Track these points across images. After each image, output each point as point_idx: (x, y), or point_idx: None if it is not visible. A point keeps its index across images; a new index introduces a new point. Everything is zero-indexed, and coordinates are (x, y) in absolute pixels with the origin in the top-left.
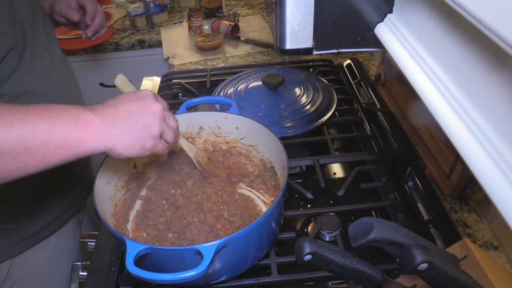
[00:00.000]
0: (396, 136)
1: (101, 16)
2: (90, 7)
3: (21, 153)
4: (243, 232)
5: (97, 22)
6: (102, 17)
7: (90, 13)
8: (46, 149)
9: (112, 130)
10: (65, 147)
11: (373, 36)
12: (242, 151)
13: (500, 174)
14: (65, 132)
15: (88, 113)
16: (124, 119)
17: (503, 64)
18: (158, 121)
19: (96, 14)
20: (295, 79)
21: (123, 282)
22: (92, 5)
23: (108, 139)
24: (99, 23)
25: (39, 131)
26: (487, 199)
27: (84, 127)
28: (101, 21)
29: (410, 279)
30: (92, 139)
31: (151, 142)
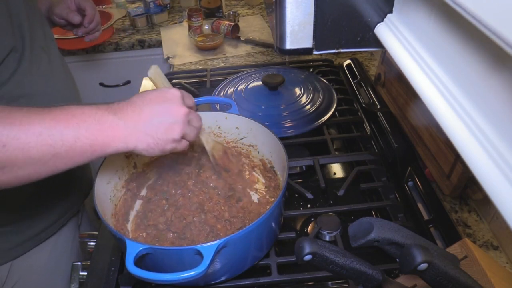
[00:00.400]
0: (396, 136)
1: (97, 20)
2: (89, 11)
3: (50, 159)
4: (243, 232)
5: (92, 26)
6: (98, 21)
7: (88, 17)
8: (73, 154)
9: (134, 133)
10: (91, 151)
11: (373, 36)
12: (242, 151)
13: (500, 174)
14: (91, 138)
15: (112, 116)
16: (146, 122)
17: (503, 64)
18: (181, 124)
19: (94, 18)
20: (295, 79)
21: (123, 282)
22: (92, 9)
23: (130, 142)
24: (93, 27)
25: (66, 138)
26: (487, 199)
27: (108, 132)
28: (96, 25)
29: (410, 279)
30: (115, 142)
31: (171, 145)
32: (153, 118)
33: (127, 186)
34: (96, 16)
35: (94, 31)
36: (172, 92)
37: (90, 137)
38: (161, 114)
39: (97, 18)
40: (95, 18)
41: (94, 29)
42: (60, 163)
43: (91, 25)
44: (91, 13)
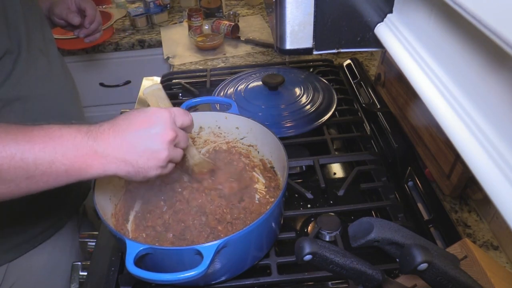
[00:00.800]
0: (396, 136)
1: (98, 21)
2: (90, 12)
3: (23, 182)
4: (243, 232)
5: (93, 27)
6: (99, 22)
7: (89, 18)
8: (48, 178)
9: (113, 161)
10: (66, 175)
11: (373, 36)
12: (242, 151)
13: (500, 174)
14: (66, 164)
15: (91, 142)
16: (127, 150)
17: (503, 64)
18: (166, 151)
19: (95, 19)
20: (295, 79)
21: (123, 282)
22: (92, 10)
23: (109, 170)
24: (95, 28)
25: (41, 163)
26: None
27: (85, 159)
28: (97, 26)
29: (410, 279)
30: (92, 169)
31: (155, 172)
32: (135, 145)
33: (127, 186)
34: (97, 17)
35: (95, 32)
36: (161, 114)
37: (66, 162)
38: (144, 141)
39: (98, 18)
40: (96, 18)
41: (95, 30)
42: (34, 186)
43: (92, 26)
44: (92, 13)
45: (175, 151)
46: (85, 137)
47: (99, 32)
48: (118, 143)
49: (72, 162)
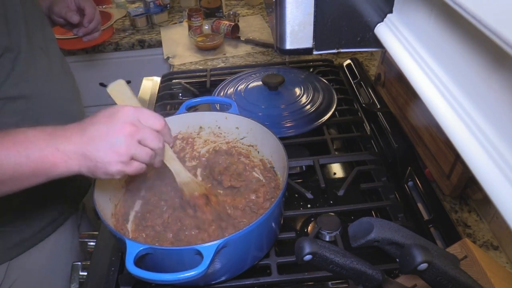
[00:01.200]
0: (396, 136)
1: (97, 20)
2: (89, 10)
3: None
4: (243, 232)
5: (92, 26)
6: (98, 21)
7: (88, 16)
8: (17, 180)
9: (74, 157)
10: (35, 176)
11: (373, 36)
12: (242, 151)
13: (500, 174)
14: (31, 166)
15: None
16: (87, 145)
17: (503, 64)
18: (123, 145)
19: (94, 18)
20: (295, 79)
21: (123, 282)
22: (92, 8)
23: (72, 167)
24: (94, 27)
25: (7, 167)
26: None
27: (49, 159)
28: (96, 25)
29: (410, 279)
30: (57, 168)
31: (115, 167)
32: (94, 139)
33: (127, 186)
34: (96, 16)
35: (94, 31)
36: (124, 110)
37: (31, 164)
38: (103, 135)
39: (97, 17)
40: (95, 17)
41: (94, 29)
42: (6, 189)
43: (91, 25)
44: (91, 12)
45: (138, 148)
46: (48, 137)
47: (98, 31)
48: (78, 138)
49: (36, 163)
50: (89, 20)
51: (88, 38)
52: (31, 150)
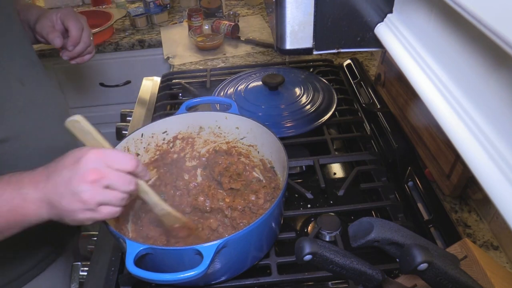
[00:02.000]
0: (396, 136)
1: (85, 43)
2: (74, 33)
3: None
4: (243, 232)
5: (78, 49)
6: (87, 44)
7: (73, 39)
8: None
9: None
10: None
11: (373, 36)
12: (242, 151)
13: (500, 174)
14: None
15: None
16: (52, 192)
17: (503, 64)
18: (88, 192)
19: (80, 40)
20: (295, 79)
21: (123, 282)
22: (77, 30)
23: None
24: (80, 51)
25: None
26: (487, 199)
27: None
28: (84, 48)
29: (410, 279)
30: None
31: (83, 215)
32: (57, 186)
33: None
34: (83, 38)
35: (82, 54)
36: (88, 154)
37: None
38: (66, 182)
39: (85, 39)
40: (82, 39)
41: (82, 52)
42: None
43: (76, 49)
44: (76, 35)
45: (106, 194)
46: (15, 187)
47: (90, 53)
48: (43, 184)
49: (7, 217)
50: (73, 43)
51: (77, 61)
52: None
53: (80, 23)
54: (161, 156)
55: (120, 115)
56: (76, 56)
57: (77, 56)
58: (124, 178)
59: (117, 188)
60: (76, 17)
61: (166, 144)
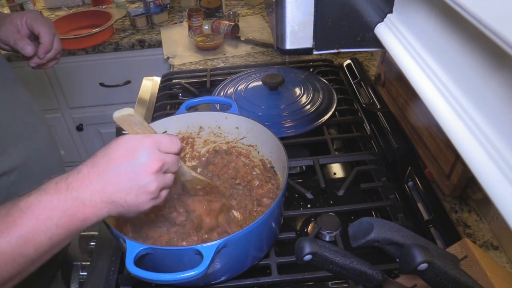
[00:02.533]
0: (396, 136)
1: (56, 50)
2: (45, 39)
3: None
4: (243, 232)
5: (48, 56)
6: (57, 50)
7: (44, 46)
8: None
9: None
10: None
11: (373, 36)
12: (242, 151)
13: (500, 174)
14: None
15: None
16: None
17: (503, 64)
18: (154, 183)
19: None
20: (295, 79)
21: (123, 282)
22: (49, 36)
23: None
24: (50, 58)
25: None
26: (487, 199)
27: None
28: (54, 55)
29: (410, 279)
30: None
31: (148, 205)
32: (119, 184)
33: None
34: (54, 44)
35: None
36: (143, 144)
37: (61, 231)
38: (128, 177)
39: (56, 46)
40: (54, 46)
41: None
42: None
43: (47, 56)
44: (48, 41)
45: (165, 179)
46: (67, 194)
47: (57, 60)
48: (101, 186)
49: (67, 226)
50: (46, 50)
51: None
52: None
53: (51, 29)
54: None
55: None
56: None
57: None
58: (174, 160)
59: (171, 171)
60: (46, 21)
61: None
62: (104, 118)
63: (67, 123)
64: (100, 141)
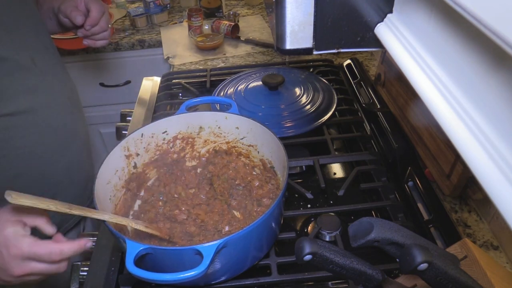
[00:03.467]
0: (396, 136)
1: (101, 27)
2: (94, 14)
3: None
4: (243, 232)
5: (94, 30)
6: (103, 28)
7: (91, 20)
8: None
9: None
10: None
11: (373, 36)
12: (242, 151)
13: (500, 174)
14: None
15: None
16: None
17: (503, 64)
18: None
19: (98, 22)
20: (295, 79)
21: (123, 282)
22: (98, 12)
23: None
24: (96, 32)
25: None
26: (487, 199)
27: None
28: (100, 31)
29: (410, 279)
30: None
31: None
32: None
33: (127, 186)
34: (101, 22)
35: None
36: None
37: None
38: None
39: (102, 24)
40: (100, 23)
41: (96, 34)
42: None
43: (93, 29)
44: (96, 16)
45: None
46: None
47: (104, 39)
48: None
49: None
50: (92, 23)
51: (88, 42)
52: None
53: (102, 8)
54: (161, 156)
55: (120, 115)
56: (89, 36)
57: (90, 36)
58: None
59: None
60: (100, 2)
61: (166, 144)
62: (104, 118)
63: None
64: (100, 141)
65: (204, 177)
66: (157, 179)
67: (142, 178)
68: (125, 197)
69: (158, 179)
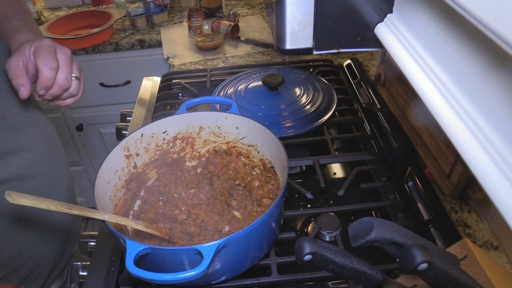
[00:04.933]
0: (396, 136)
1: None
2: (44, 73)
3: None
4: (243, 232)
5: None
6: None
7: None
8: None
9: None
10: None
11: (373, 36)
12: (242, 151)
13: (500, 174)
14: None
15: None
16: None
17: (503, 64)
18: None
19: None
20: (295, 79)
21: (123, 282)
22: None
23: None
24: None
25: None
26: (487, 199)
27: None
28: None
29: (410, 279)
30: None
31: None
32: None
33: (127, 186)
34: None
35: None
36: None
37: None
38: None
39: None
40: (58, 81)
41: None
42: None
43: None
44: (47, 75)
45: None
46: None
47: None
48: None
49: None
50: (44, 86)
51: (56, 103)
52: None
53: (53, 62)
54: (161, 156)
55: (120, 115)
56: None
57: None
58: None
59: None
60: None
61: (166, 144)
62: (104, 118)
63: (67, 123)
64: (100, 141)
65: (204, 177)
66: (157, 179)
67: (142, 178)
68: (125, 197)
69: (158, 179)
